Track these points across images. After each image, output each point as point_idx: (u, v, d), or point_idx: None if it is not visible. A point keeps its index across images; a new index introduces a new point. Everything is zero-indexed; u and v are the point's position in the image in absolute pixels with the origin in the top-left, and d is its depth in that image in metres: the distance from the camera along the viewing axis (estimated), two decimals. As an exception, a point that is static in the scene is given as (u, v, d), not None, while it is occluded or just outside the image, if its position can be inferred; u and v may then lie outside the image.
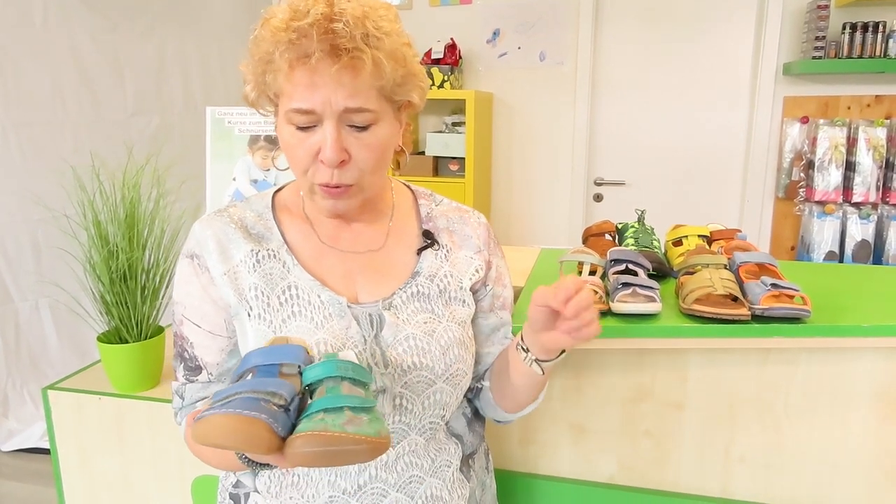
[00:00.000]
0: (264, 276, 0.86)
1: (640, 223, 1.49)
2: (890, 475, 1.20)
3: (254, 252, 0.87)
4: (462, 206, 1.01)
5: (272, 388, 0.66)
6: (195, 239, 0.89)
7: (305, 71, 0.76)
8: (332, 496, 0.86)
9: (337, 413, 0.65)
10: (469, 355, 0.91)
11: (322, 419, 0.64)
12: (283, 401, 0.66)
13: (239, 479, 0.94)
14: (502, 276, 1.00)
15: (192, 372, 0.91)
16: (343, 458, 0.63)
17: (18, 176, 2.64)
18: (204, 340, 0.89)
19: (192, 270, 0.88)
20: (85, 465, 1.44)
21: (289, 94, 0.79)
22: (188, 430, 0.90)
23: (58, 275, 2.48)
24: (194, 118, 3.20)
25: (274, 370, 0.69)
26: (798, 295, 1.12)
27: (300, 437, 0.62)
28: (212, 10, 3.32)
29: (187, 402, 0.92)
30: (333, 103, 0.77)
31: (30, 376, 2.81)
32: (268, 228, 0.90)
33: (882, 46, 2.77)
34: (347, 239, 0.91)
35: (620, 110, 3.31)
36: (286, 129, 0.82)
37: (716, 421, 1.23)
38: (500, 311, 0.99)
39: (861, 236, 2.88)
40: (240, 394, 0.65)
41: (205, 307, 0.88)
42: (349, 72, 0.76)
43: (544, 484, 1.28)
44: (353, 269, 0.90)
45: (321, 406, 0.66)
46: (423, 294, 0.89)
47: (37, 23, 2.64)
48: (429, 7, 3.41)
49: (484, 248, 0.97)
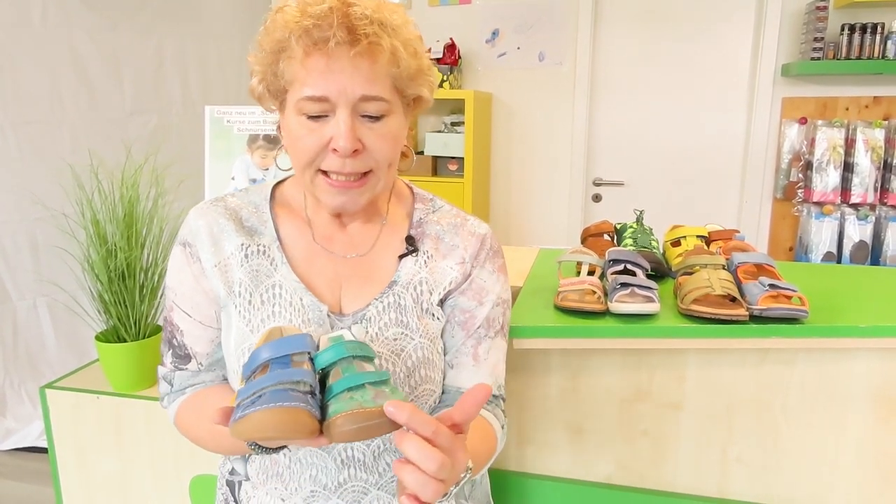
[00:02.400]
0: (251, 273, 0.86)
1: (639, 223, 1.49)
2: (886, 475, 1.20)
3: (244, 246, 0.86)
4: (463, 214, 0.95)
5: (297, 378, 0.68)
6: (189, 227, 0.89)
7: (321, 57, 0.75)
8: (314, 491, 0.87)
9: (362, 390, 0.68)
10: (437, 373, 0.88)
11: (352, 398, 0.67)
12: (308, 387, 0.68)
13: (234, 466, 0.95)
14: (482, 291, 0.90)
15: (182, 360, 0.91)
16: (381, 430, 0.66)
17: (17, 175, 2.64)
18: (194, 330, 0.89)
19: (185, 259, 0.88)
20: (83, 465, 1.44)
21: (302, 81, 0.77)
22: (178, 415, 0.92)
23: (56, 274, 2.47)
24: (193, 117, 3.20)
25: (287, 361, 0.70)
26: (796, 295, 1.12)
27: (341, 416, 0.65)
28: (211, 10, 3.32)
29: (176, 389, 0.92)
30: (349, 91, 0.76)
31: (28, 375, 2.80)
32: (262, 222, 0.89)
33: (880, 48, 2.77)
34: (341, 241, 0.90)
35: (619, 111, 3.31)
36: (295, 120, 0.80)
37: (713, 421, 1.23)
38: (457, 327, 0.90)
39: (859, 237, 2.89)
40: (267, 388, 0.66)
41: (196, 297, 0.88)
42: (367, 58, 0.76)
43: (542, 484, 1.29)
44: (340, 275, 0.88)
45: (345, 386, 0.68)
46: (398, 305, 0.86)
47: (35, 22, 2.64)
48: (428, 7, 3.41)
49: (469, 260, 0.90)
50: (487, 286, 0.91)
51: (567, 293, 1.20)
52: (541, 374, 1.27)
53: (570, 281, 1.23)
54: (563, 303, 1.19)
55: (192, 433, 0.91)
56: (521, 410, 1.29)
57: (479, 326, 0.90)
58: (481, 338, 0.91)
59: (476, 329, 0.90)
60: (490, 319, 0.91)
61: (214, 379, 0.92)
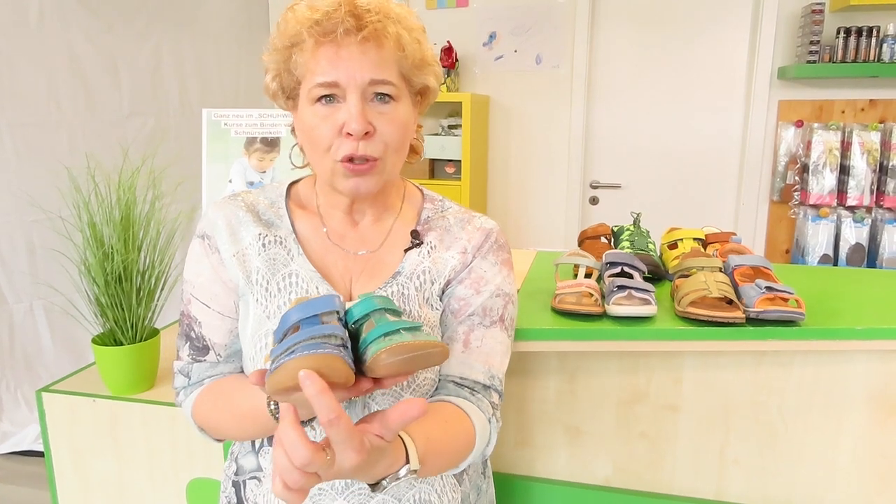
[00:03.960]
0: (268, 261, 0.88)
1: (636, 226, 1.50)
2: (883, 477, 1.20)
3: (261, 236, 0.89)
4: (471, 212, 0.96)
5: (328, 332, 0.69)
6: (207, 220, 0.92)
7: (331, 46, 0.80)
8: (322, 490, 0.87)
9: (398, 334, 0.70)
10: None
11: (391, 338, 0.69)
12: (340, 340, 0.69)
13: (239, 465, 0.95)
14: (481, 280, 0.90)
15: (200, 352, 0.92)
16: (424, 362, 0.68)
17: (13, 177, 2.63)
18: (213, 321, 0.90)
19: (203, 250, 0.90)
20: (79, 468, 1.44)
21: (313, 70, 0.81)
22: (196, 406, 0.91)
23: (52, 277, 2.47)
24: (190, 120, 3.20)
25: (316, 320, 0.71)
26: (792, 298, 1.12)
27: (384, 350, 0.67)
28: (208, 12, 3.32)
29: (194, 381, 0.93)
30: (358, 76, 0.80)
31: (24, 378, 2.79)
32: (279, 216, 0.92)
33: (876, 51, 2.78)
34: (352, 239, 0.92)
35: (616, 113, 3.32)
36: (308, 111, 0.83)
37: (711, 423, 1.23)
38: (450, 316, 0.90)
39: (855, 240, 2.90)
40: (301, 342, 0.67)
41: (215, 288, 0.90)
42: (373, 43, 0.80)
43: (540, 486, 1.29)
44: (351, 270, 0.91)
45: (381, 332, 0.70)
46: (401, 294, 0.88)
47: (32, 23, 2.64)
48: (425, 10, 3.41)
49: (471, 250, 0.91)
50: (487, 276, 0.91)
51: (564, 296, 1.21)
52: (538, 376, 1.27)
53: (567, 283, 1.23)
54: (561, 305, 1.20)
55: (212, 421, 0.90)
56: (518, 413, 1.29)
57: (471, 314, 0.90)
58: (474, 325, 0.90)
59: (468, 316, 0.90)
60: (486, 308, 0.90)
61: (233, 371, 0.93)
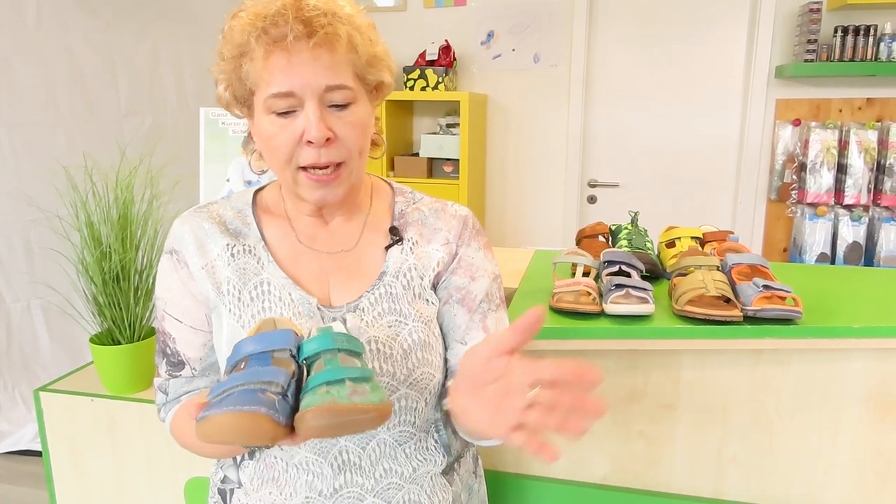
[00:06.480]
0: (238, 271, 0.87)
1: (634, 225, 1.50)
2: (881, 475, 1.21)
3: (229, 246, 0.88)
4: (443, 201, 0.97)
5: (268, 378, 0.67)
6: (174, 235, 0.90)
7: (282, 53, 0.77)
8: (309, 497, 0.86)
9: (340, 385, 0.66)
10: (435, 356, 0.89)
11: (327, 392, 0.65)
12: (279, 388, 0.67)
13: (226, 474, 0.95)
14: (472, 267, 0.92)
15: (175, 367, 0.91)
16: (353, 428, 0.65)
17: (10, 176, 2.63)
18: (186, 336, 0.89)
19: (172, 266, 0.89)
20: (77, 467, 1.43)
21: (266, 80, 0.78)
22: (174, 423, 0.91)
23: (50, 276, 2.47)
24: (188, 119, 3.19)
25: (267, 357, 0.69)
26: (790, 296, 1.13)
27: (310, 411, 0.64)
28: (205, 11, 3.31)
29: (171, 398, 0.92)
30: (313, 83, 0.78)
31: (21, 378, 2.79)
32: (246, 224, 0.90)
33: (873, 49, 2.78)
34: (324, 239, 0.91)
35: (614, 112, 3.32)
36: (265, 120, 0.81)
37: (708, 422, 1.23)
38: (457, 306, 0.91)
39: (852, 238, 2.90)
40: (236, 387, 0.65)
41: (185, 302, 0.88)
42: (325, 48, 0.77)
43: (537, 485, 1.29)
44: (326, 270, 0.89)
45: (323, 379, 0.67)
46: (389, 294, 0.88)
47: (29, 23, 2.63)
48: (423, 8, 3.41)
49: (453, 240, 0.92)
50: (477, 262, 0.93)
51: (562, 294, 1.21)
52: (536, 375, 1.27)
53: (565, 282, 1.23)
54: (559, 304, 1.20)
55: (186, 440, 0.89)
56: (516, 412, 1.29)
57: (481, 301, 0.92)
58: (486, 312, 0.92)
59: (479, 304, 0.92)
60: (490, 294, 0.93)
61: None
